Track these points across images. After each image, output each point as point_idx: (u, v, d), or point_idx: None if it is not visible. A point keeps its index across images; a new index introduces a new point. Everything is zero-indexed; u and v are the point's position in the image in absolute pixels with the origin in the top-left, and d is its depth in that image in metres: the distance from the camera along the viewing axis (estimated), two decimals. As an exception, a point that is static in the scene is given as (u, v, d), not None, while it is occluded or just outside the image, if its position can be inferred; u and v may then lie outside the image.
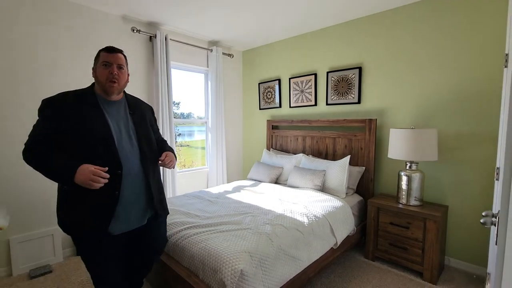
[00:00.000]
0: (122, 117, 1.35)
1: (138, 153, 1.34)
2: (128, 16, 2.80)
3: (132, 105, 1.42)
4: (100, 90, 1.32)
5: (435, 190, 2.41)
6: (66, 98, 1.25)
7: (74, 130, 1.19)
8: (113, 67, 1.28)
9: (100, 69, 1.29)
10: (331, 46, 3.06)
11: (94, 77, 1.33)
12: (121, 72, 1.32)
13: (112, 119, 1.30)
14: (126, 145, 1.30)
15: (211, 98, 3.61)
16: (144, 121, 1.44)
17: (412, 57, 2.48)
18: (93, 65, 1.34)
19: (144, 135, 1.40)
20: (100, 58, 1.30)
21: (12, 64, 2.19)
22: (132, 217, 1.34)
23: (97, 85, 1.33)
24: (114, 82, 1.28)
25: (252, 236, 1.69)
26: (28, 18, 2.24)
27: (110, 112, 1.31)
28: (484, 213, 1.11)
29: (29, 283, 2.13)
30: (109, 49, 1.31)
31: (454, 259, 2.34)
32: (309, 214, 2.07)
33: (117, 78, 1.29)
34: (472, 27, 2.16)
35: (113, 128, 1.28)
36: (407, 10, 2.48)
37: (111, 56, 1.29)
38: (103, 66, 1.28)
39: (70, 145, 1.19)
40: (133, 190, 1.31)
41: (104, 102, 1.32)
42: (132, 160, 1.31)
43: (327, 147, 3.07)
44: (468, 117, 2.22)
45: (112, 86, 1.29)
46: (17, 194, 2.26)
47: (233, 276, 1.39)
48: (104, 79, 1.28)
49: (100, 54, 1.32)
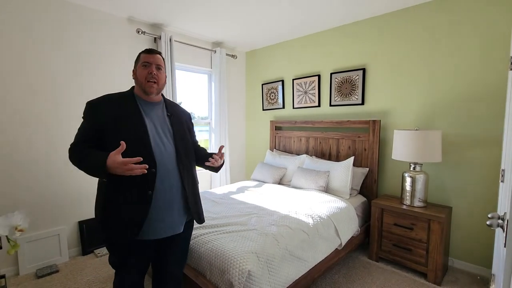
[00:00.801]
0: (160, 118, 1.37)
1: (174, 154, 1.34)
2: (133, 18, 2.82)
3: (170, 108, 1.44)
4: (139, 90, 1.34)
5: (439, 192, 2.42)
6: (107, 100, 1.29)
7: (112, 130, 1.22)
8: (152, 67, 1.31)
9: (140, 69, 1.32)
10: (334, 47, 3.07)
11: (134, 78, 1.36)
12: (159, 72, 1.34)
13: (149, 119, 1.32)
14: (162, 144, 1.31)
15: (215, 99, 3.63)
16: (181, 124, 1.45)
17: (416, 59, 2.49)
18: (133, 67, 1.39)
19: (181, 137, 1.40)
20: (140, 59, 1.34)
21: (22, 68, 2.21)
22: (165, 222, 1.29)
23: (136, 86, 1.36)
24: (153, 82, 1.31)
25: (258, 237, 1.70)
26: (34, 22, 2.26)
27: (148, 113, 1.33)
28: (490, 215, 1.12)
29: (36, 283, 2.16)
30: (149, 51, 1.35)
31: (458, 260, 2.35)
32: (313, 215, 2.09)
33: (156, 78, 1.32)
34: (477, 29, 2.17)
35: (150, 128, 1.29)
36: (411, 12, 2.49)
37: (151, 57, 1.33)
38: (143, 66, 1.32)
39: (108, 144, 1.21)
40: (167, 192, 1.28)
41: (143, 103, 1.35)
42: (168, 160, 1.30)
43: (331, 148, 3.08)
44: (472, 118, 2.23)
45: (152, 86, 1.31)
46: (24, 195, 2.28)
47: (240, 277, 1.40)
48: (144, 79, 1.31)
49: (140, 55, 1.36)
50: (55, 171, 2.43)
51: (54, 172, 2.43)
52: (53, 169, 2.42)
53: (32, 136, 2.30)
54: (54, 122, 2.40)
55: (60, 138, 2.44)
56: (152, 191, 1.23)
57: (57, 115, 2.42)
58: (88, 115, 1.27)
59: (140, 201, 1.22)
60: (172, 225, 1.31)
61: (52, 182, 2.42)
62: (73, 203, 2.55)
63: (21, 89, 2.23)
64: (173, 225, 1.31)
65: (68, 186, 2.52)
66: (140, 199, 1.22)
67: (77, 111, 2.51)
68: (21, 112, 2.24)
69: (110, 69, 2.72)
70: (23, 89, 2.24)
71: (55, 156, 2.42)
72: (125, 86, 2.82)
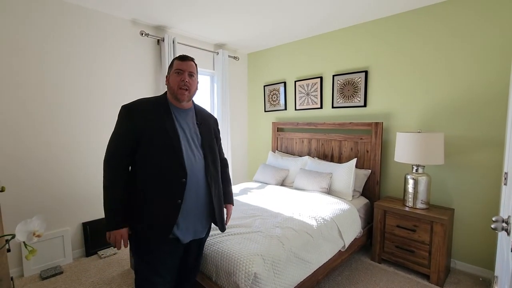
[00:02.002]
0: (190, 126, 1.37)
1: (203, 164, 1.35)
2: (137, 20, 2.83)
3: (199, 115, 1.44)
4: (172, 97, 1.35)
5: (442, 194, 2.44)
6: (144, 104, 1.30)
7: (147, 136, 1.24)
8: (185, 75, 1.32)
9: (173, 76, 1.33)
10: (337, 49, 3.08)
11: (167, 85, 1.37)
12: (192, 79, 1.35)
13: (180, 127, 1.32)
14: (192, 154, 1.32)
15: (217, 100, 3.64)
16: (210, 132, 1.45)
17: (418, 61, 2.51)
18: (167, 73, 1.40)
19: (209, 146, 1.41)
20: (174, 66, 1.34)
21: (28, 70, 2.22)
22: (191, 228, 1.33)
23: (169, 93, 1.36)
24: (185, 89, 1.32)
25: (264, 239, 1.72)
26: (39, 24, 2.27)
27: (180, 120, 1.34)
28: (494, 218, 1.13)
29: (41, 284, 2.16)
30: (182, 57, 1.35)
31: (461, 262, 2.37)
32: (317, 217, 2.10)
33: (188, 86, 1.32)
34: (480, 32, 2.19)
35: (182, 136, 1.30)
36: (413, 15, 2.51)
37: (184, 64, 1.33)
38: (176, 73, 1.32)
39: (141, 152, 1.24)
40: (196, 201, 1.32)
41: (175, 110, 1.35)
42: (197, 170, 1.31)
43: (333, 149, 3.10)
44: (475, 121, 2.25)
45: (184, 93, 1.31)
46: (29, 197, 2.29)
47: (247, 279, 1.42)
48: (176, 86, 1.31)
49: (174, 62, 1.36)
50: (59, 173, 2.44)
51: (58, 173, 2.44)
52: (58, 171, 2.43)
53: (38, 138, 2.31)
54: (61, 124, 2.41)
55: (66, 140, 2.45)
56: (182, 200, 1.25)
57: (62, 117, 2.43)
58: (124, 120, 1.27)
59: (169, 209, 1.24)
60: (196, 232, 1.36)
61: (56, 184, 2.43)
62: (77, 205, 2.56)
63: (27, 91, 2.24)
64: (197, 232, 1.37)
65: (72, 187, 2.53)
66: (170, 208, 1.24)
67: (82, 113, 2.52)
68: (27, 114, 2.25)
69: (115, 70, 2.73)
70: (28, 91, 2.25)
71: (60, 158, 2.43)
72: (129, 88, 2.85)
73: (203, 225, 1.39)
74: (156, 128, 1.25)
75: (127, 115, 1.26)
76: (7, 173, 2.18)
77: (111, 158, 1.26)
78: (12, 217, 2.20)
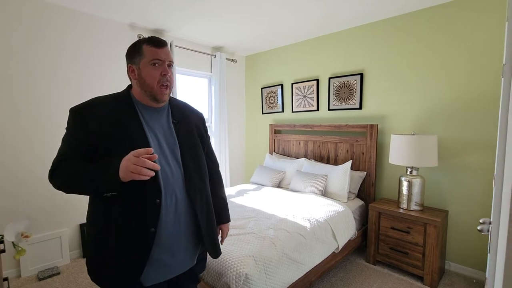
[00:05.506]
0: (164, 127, 1.05)
1: (182, 175, 1.03)
2: (135, 24, 2.87)
3: (176, 112, 1.10)
4: (145, 95, 1.01)
5: (436, 196, 2.45)
6: (97, 105, 0.99)
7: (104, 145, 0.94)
8: (165, 66, 0.99)
9: (149, 69, 0.98)
10: (333, 52, 3.11)
11: (135, 79, 1.01)
12: (171, 71, 1.03)
13: (151, 131, 1.01)
14: (167, 167, 1.00)
15: (215, 103, 3.67)
16: (191, 133, 1.12)
17: (413, 64, 2.53)
18: (130, 63, 1.01)
19: (191, 151, 1.09)
20: (147, 55, 0.98)
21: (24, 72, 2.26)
22: (173, 261, 1.01)
23: (139, 90, 1.02)
24: (166, 86, 1.00)
25: (256, 240, 1.74)
26: (35, 29, 2.31)
27: (149, 122, 1.02)
28: (482, 220, 1.16)
29: (38, 285, 2.19)
30: (157, 43, 0.99)
31: (455, 264, 2.37)
32: (311, 219, 2.12)
33: (169, 81, 1.01)
34: (473, 36, 2.21)
35: (153, 142, 0.99)
36: (408, 18, 2.53)
37: (162, 52, 0.98)
38: (152, 65, 0.98)
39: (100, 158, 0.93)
40: (175, 226, 1.00)
41: (143, 108, 1.03)
42: (175, 186, 1.01)
43: (329, 151, 3.11)
44: (468, 124, 2.26)
45: (165, 92, 1.00)
46: (26, 198, 2.32)
47: (238, 280, 1.43)
48: (156, 83, 0.98)
49: (144, 48, 0.98)
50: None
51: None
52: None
53: (34, 139, 2.34)
54: (59, 126, 2.45)
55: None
56: (156, 228, 0.95)
57: (59, 119, 2.46)
58: (73, 128, 0.96)
59: (139, 241, 0.94)
60: (180, 264, 1.04)
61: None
62: (74, 206, 2.59)
63: (24, 93, 2.28)
64: (182, 263, 1.05)
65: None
66: (139, 238, 0.94)
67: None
68: (25, 115, 2.29)
69: (111, 74, 2.76)
70: (25, 92, 2.28)
71: (57, 159, 2.46)
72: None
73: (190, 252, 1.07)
74: (117, 135, 0.94)
75: (77, 121, 0.96)
76: (4, 175, 2.21)
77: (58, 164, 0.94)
78: (10, 218, 2.22)
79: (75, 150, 0.95)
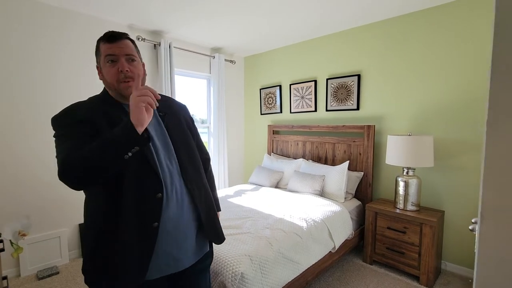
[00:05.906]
0: (152, 121, 1.01)
1: (178, 169, 1.02)
2: (134, 25, 2.89)
3: (161, 105, 1.07)
4: (115, 94, 0.99)
5: (432, 196, 2.47)
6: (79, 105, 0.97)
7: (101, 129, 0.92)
8: (121, 62, 0.95)
9: (106, 67, 0.95)
10: (331, 53, 3.13)
11: (101, 79, 0.99)
12: (133, 65, 0.97)
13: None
14: (163, 158, 0.99)
15: (214, 103, 3.69)
16: (179, 124, 1.11)
17: (409, 66, 2.55)
18: (96, 63, 1.00)
19: (182, 142, 1.08)
20: (102, 52, 0.96)
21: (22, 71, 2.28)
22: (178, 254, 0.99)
23: (109, 91, 1.01)
24: (127, 81, 0.96)
25: (252, 240, 1.75)
26: (35, 30, 2.33)
27: None
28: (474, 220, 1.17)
29: (37, 284, 2.21)
30: (111, 37, 0.95)
31: (451, 264, 2.39)
32: (308, 219, 2.14)
33: (130, 76, 0.96)
34: (468, 37, 2.23)
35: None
36: (404, 20, 2.55)
37: (115, 47, 0.94)
38: (108, 63, 0.95)
39: None
40: (178, 218, 0.99)
41: (126, 106, 1.00)
42: (173, 177, 0.99)
43: (327, 152, 3.13)
44: (463, 125, 2.28)
45: (127, 86, 0.96)
46: (26, 198, 2.34)
47: (233, 279, 1.45)
48: (115, 81, 0.95)
49: (100, 46, 0.96)
50: (56, 174, 2.49)
51: (55, 175, 2.49)
52: (55, 172, 2.48)
53: (33, 139, 2.36)
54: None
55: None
56: (159, 223, 0.93)
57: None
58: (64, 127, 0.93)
59: (143, 237, 0.92)
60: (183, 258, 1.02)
61: (53, 184, 2.48)
62: (73, 206, 2.61)
63: (24, 93, 2.30)
64: (185, 257, 1.02)
65: (69, 188, 2.58)
66: (143, 235, 0.92)
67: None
68: (25, 115, 2.31)
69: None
70: (25, 93, 2.31)
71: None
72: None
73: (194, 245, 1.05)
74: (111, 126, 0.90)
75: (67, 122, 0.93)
76: (4, 174, 2.23)
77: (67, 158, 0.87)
78: (10, 218, 2.24)
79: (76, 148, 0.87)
